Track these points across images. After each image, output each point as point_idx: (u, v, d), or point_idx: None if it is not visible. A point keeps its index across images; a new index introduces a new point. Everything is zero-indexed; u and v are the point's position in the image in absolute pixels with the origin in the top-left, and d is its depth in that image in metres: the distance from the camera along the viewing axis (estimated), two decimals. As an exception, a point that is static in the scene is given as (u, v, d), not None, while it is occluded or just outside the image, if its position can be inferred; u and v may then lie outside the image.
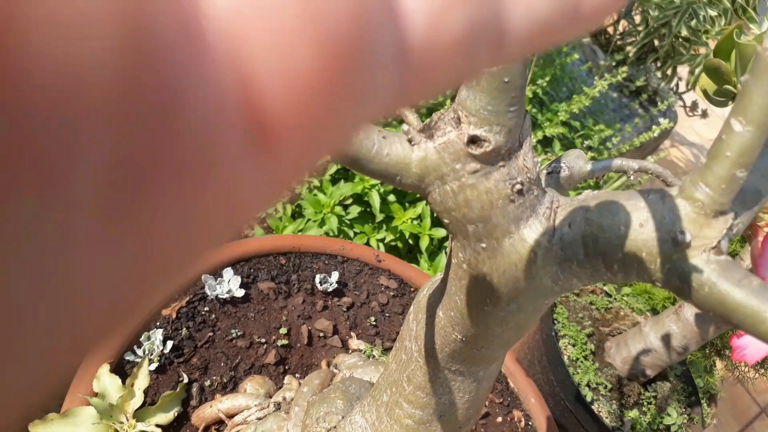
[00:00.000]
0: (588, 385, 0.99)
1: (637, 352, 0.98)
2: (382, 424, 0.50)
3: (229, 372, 0.73)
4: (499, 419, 0.81)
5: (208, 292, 0.77)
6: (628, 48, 1.88)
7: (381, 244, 1.11)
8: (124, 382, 0.65)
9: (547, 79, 1.42)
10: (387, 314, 0.89)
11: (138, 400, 0.64)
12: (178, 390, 0.67)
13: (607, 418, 0.96)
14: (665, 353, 0.95)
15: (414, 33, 0.09)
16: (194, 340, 0.73)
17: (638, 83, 1.83)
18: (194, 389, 0.70)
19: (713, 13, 1.63)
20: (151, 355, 0.69)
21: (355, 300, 0.88)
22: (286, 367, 0.78)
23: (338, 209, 1.08)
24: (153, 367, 0.68)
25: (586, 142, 1.58)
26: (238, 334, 0.76)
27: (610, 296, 1.17)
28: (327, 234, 1.07)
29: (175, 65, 0.06)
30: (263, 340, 0.77)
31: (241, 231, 0.09)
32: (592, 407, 0.96)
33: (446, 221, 0.34)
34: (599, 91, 1.37)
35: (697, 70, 1.67)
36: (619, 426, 0.96)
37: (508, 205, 0.32)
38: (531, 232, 0.32)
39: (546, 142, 1.49)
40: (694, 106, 1.89)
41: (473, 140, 0.31)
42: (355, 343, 0.83)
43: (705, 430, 1.04)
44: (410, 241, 1.14)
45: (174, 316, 0.74)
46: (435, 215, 0.87)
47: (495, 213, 0.32)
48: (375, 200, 1.09)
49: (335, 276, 0.87)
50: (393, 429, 0.49)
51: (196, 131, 0.07)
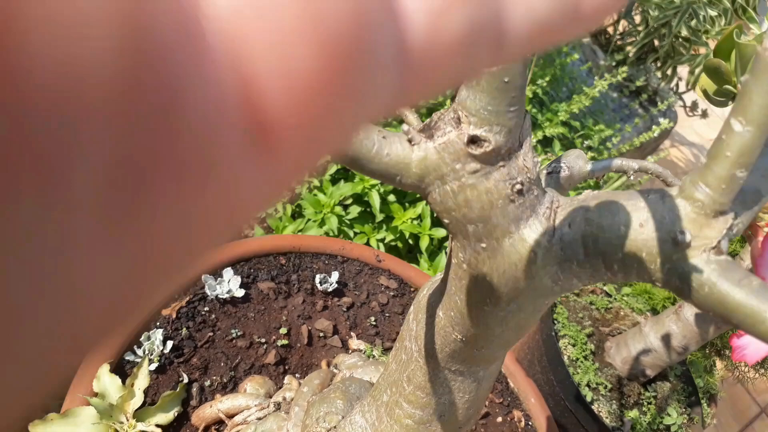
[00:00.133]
0: (588, 385, 0.99)
1: (637, 352, 0.98)
2: (382, 424, 0.50)
3: (229, 372, 0.73)
4: (499, 419, 0.81)
5: (208, 292, 0.77)
6: (628, 48, 1.88)
7: (381, 244, 1.11)
8: (124, 382, 0.65)
9: (547, 79, 1.42)
10: (387, 314, 0.89)
11: (138, 400, 0.64)
12: (178, 390, 0.67)
13: (607, 418, 0.96)
14: (665, 353, 0.95)
15: (414, 33, 0.09)
16: (194, 340, 0.73)
17: (638, 83, 1.83)
18: (194, 389, 0.70)
19: (713, 13, 1.63)
20: (151, 355, 0.69)
21: (355, 300, 0.88)
22: (286, 367, 0.78)
23: (338, 209, 1.08)
24: (153, 367, 0.68)
25: (586, 142, 1.58)
26: (238, 334, 0.76)
27: (610, 296, 1.17)
28: (327, 234, 1.07)
29: (175, 65, 0.06)
30: (263, 340, 0.77)
31: (241, 231, 0.09)
32: (592, 407, 0.96)
33: (446, 221, 0.34)
34: (599, 91, 1.37)
35: (697, 70, 1.67)
36: (619, 426, 0.96)
37: (508, 205, 0.32)
38: (531, 232, 0.32)
39: (546, 142, 1.49)
40: (694, 106, 1.89)
41: (473, 140, 0.31)
42: (355, 343, 0.83)
43: (705, 430, 1.04)
44: (410, 241, 1.14)
45: (174, 316, 0.74)
46: (435, 215, 0.87)
47: (495, 213, 0.32)
48: (375, 200, 1.09)
49: (335, 276, 0.87)
50: (393, 429, 0.49)
51: (196, 131, 0.07)
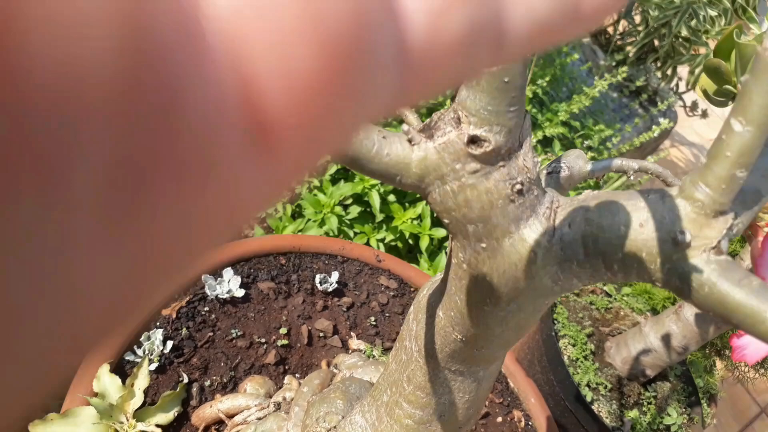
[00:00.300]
0: (588, 385, 0.99)
1: (637, 352, 0.98)
2: (382, 424, 0.50)
3: (229, 372, 0.73)
4: (499, 419, 0.81)
5: (208, 292, 0.77)
6: (628, 48, 1.88)
7: (381, 244, 1.11)
8: (124, 382, 0.65)
9: (547, 79, 1.42)
10: (387, 314, 0.89)
11: (138, 400, 0.64)
12: (178, 390, 0.67)
13: (607, 418, 0.96)
14: (665, 353, 0.95)
15: (414, 33, 0.09)
16: (194, 340, 0.73)
17: (638, 83, 1.83)
18: (194, 389, 0.70)
19: (713, 13, 1.63)
20: (151, 355, 0.69)
21: (355, 300, 0.88)
22: (286, 367, 0.78)
23: (338, 209, 1.08)
24: (153, 367, 0.68)
25: (586, 142, 1.58)
26: (238, 334, 0.76)
27: (610, 296, 1.17)
28: (327, 234, 1.07)
29: (175, 65, 0.06)
30: (263, 340, 0.77)
31: (241, 231, 0.09)
32: (592, 407, 0.96)
33: (446, 221, 0.34)
34: (599, 91, 1.37)
35: (697, 70, 1.67)
36: (619, 426, 0.96)
37: (508, 205, 0.32)
38: (531, 232, 0.32)
39: (546, 142, 1.49)
40: (694, 106, 1.89)
41: (473, 140, 0.31)
42: (355, 343, 0.83)
43: (705, 430, 1.04)
44: (410, 241, 1.14)
45: (174, 316, 0.74)
46: (435, 215, 0.87)
47: (495, 213, 0.32)
48: (375, 200, 1.09)
49: (335, 276, 0.87)
50: (393, 429, 0.49)
51: (196, 131, 0.07)
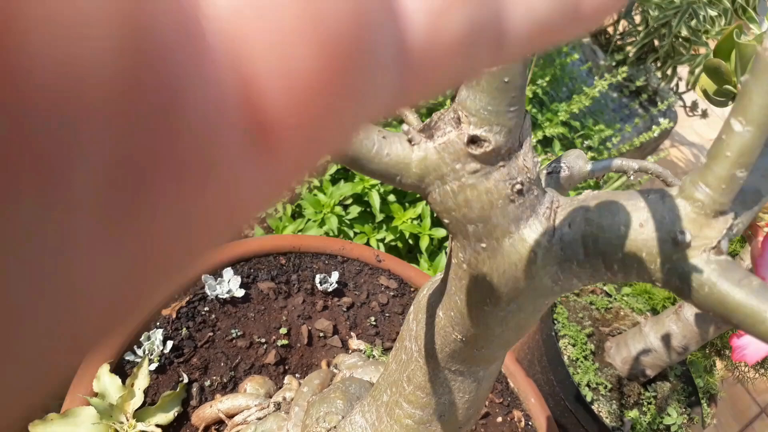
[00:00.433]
0: (588, 385, 0.99)
1: (637, 352, 0.98)
2: (382, 424, 0.50)
3: (229, 372, 0.73)
4: (499, 419, 0.81)
5: (208, 292, 0.77)
6: (628, 48, 1.88)
7: (381, 244, 1.11)
8: (124, 382, 0.65)
9: (547, 79, 1.42)
10: (387, 314, 0.89)
11: (138, 400, 0.64)
12: (178, 390, 0.67)
13: (607, 418, 0.96)
14: (665, 353, 0.95)
15: (414, 33, 0.09)
16: (194, 340, 0.73)
17: (638, 83, 1.83)
18: (194, 389, 0.70)
19: (713, 13, 1.63)
20: (151, 355, 0.69)
21: (355, 300, 0.88)
22: (286, 367, 0.78)
23: (338, 209, 1.08)
24: (153, 367, 0.68)
25: (586, 142, 1.58)
26: (238, 334, 0.76)
27: (610, 296, 1.17)
28: (327, 234, 1.07)
29: (175, 65, 0.06)
30: (263, 340, 0.77)
31: (241, 231, 0.09)
32: (592, 407, 0.96)
33: (446, 221, 0.34)
34: (599, 91, 1.37)
35: (697, 70, 1.67)
36: (619, 426, 0.96)
37: (508, 205, 0.32)
38: (531, 232, 0.32)
39: (546, 142, 1.49)
40: (694, 106, 1.89)
41: (473, 140, 0.31)
42: (355, 343, 0.83)
43: (705, 430, 1.04)
44: (410, 241, 1.14)
45: (174, 316, 0.74)
46: (435, 215, 0.87)
47: (495, 213, 0.32)
48: (375, 200, 1.09)
49: (335, 276, 0.87)
50: (393, 429, 0.49)
51: (196, 131, 0.07)
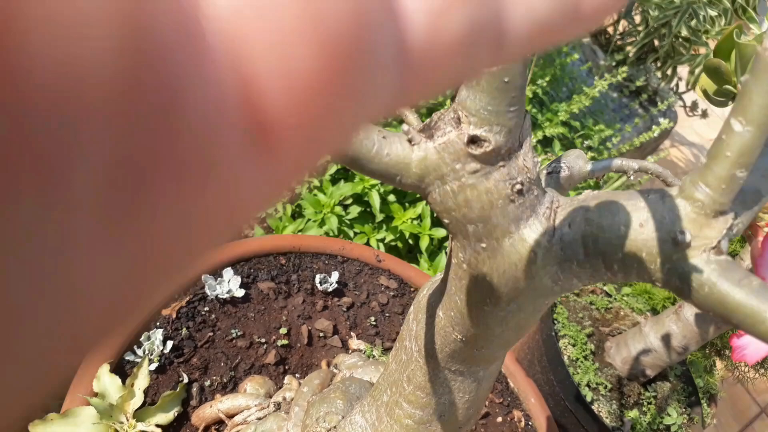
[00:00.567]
0: (588, 385, 0.99)
1: (637, 352, 0.98)
2: (382, 424, 0.50)
3: (229, 372, 0.73)
4: (499, 419, 0.81)
5: (208, 292, 0.77)
6: (628, 48, 1.88)
7: (381, 244, 1.11)
8: (124, 382, 0.65)
9: (547, 79, 1.42)
10: (387, 314, 0.89)
11: (138, 400, 0.64)
12: (178, 390, 0.67)
13: (607, 418, 0.96)
14: (665, 353, 0.95)
15: (414, 33, 0.09)
16: (194, 340, 0.73)
17: (638, 83, 1.83)
18: (194, 389, 0.70)
19: (713, 13, 1.63)
20: (151, 355, 0.69)
21: (355, 300, 0.88)
22: (286, 367, 0.78)
23: (338, 209, 1.08)
24: (153, 367, 0.68)
25: (586, 142, 1.58)
26: (238, 334, 0.76)
27: (610, 296, 1.17)
28: (327, 234, 1.07)
29: (175, 65, 0.06)
30: (263, 340, 0.77)
31: (241, 231, 0.09)
32: (592, 407, 0.96)
33: (446, 221, 0.34)
34: (599, 91, 1.37)
35: (697, 70, 1.67)
36: (619, 426, 0.96)
37: (508, 205, 0.32)
38: (531, 232, 0.32)
39: (546, 142, 1.49)
40: (694, 106, 1.89)
41: (473, 140, 0.31)
42: (355, 343, 0.83)
43: (705, 430, 1.04)
44: (410, 241, 1.14)
45: (174, 316, 0.74)
46: (435, 215, 0.87)
47: (495, 213, 0.32)
48: (375, 200, 1.09)
49: (335, 276, 0.87)
50: (393, 429, 0.49)
51: (196, 131, 0.07)
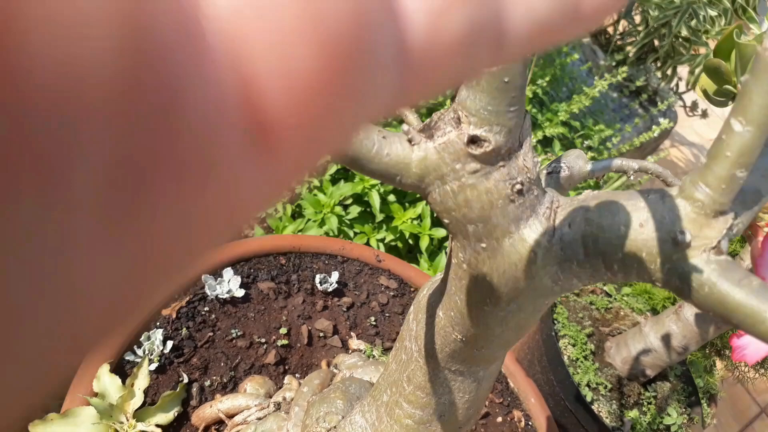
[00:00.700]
0: (588, 385, 0.99)
1: (637, 352, 0.98)
2: (382, 424, 0.50)
3: (229, 372, 0.73)
4: (499, 419, 0.81)
5: (208, 292, 0.77)
6: (628, 48, 1.88)
7: (381, 244, 1.11)
8: (124, 382, 0.65)
9: (547, 79, 1.42)
10: (387, 314, 0.89)
11: (138, 400, 0.64)
12: (178, 390, 0.67)
13: (607, 418, 0.96)
14: (665, 353, 0.95)
15: (414, 33, 0.09)
16: (194, 340, 0.73)
17: (638, 83, 1.83)
18: (194, 389, 0.70)
19: (713, 13, 1.63)
20: (151, 355, 0.69)
21: (355, 300, 0.88)
22: (286, 367, 0.78)
23: (338, 209, 1.08)
24: (153, 367, 0.68)
25: (586, 142, 1.58)
26: (238, 334, 0.76)
27: (610, 296, 1.17)
28: (327, 234, 1.07)
29: (175, 65, 0.06)
30: (263, 340, 0.77)
31: (241, 231, 0.09)
32: (592, 407, 0.96)
33: (446, 221, 0.34)
34: (599, 91, 1.37)
35: (697, 70, 1.67)
36: (619, 426, 0.96)
37: (508, 205, 0.32)
38: (531, 232, 0.32)
39: (546, 142, 1.49)
40: (694, 106, 1.89)
41: (473, 140, 0.31)
42: (355, 343, 0.83)
43: (705, 430, 1.04)
44: (410, 241, 1.14)
45: (174, 316, 0.74)
46: (435, 215, 0.87)
47: (495, 213, 0.32)
48: (375, 200, 1.09)
49: (335, 276, 0.87)
50: (393, 429, 0.49)
51: (196, 131, 0.07)
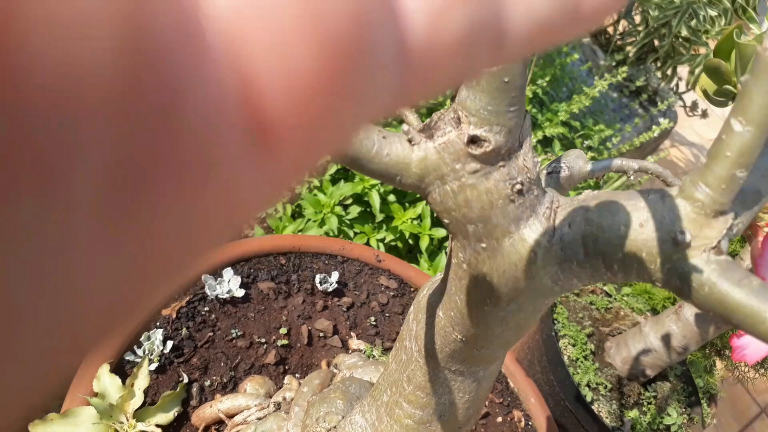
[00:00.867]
0: (588, 385, 0.99)
1: (637, 352, 0.98)
2: (382, 424, 0.50)
3: (229, 372, 0.73)
4: (499, 419, 0.81)
5: (208, 292, 0.77)
6: (628, 48, 1.88)
7: (381, 244, 1.11)
8: (124, 382, 0.65)
9: (547, 79, 1.42)
10: (387, 314, 0.89)
11: (138, 400, 0.64)
12: (178, 390, 0.67)
13: (607, 418, 0.96)
14: (665, 353, 0.95)
15: (414, 33, 0.09)
16: (194, 340, 0.73)
17: (638, 83, 1.83)
18: (194, 389, 0.70)
19: (713, 13, 1.63)
20: (151, 355, 0.69)
21: (355, 300, 0.88)
22: (286, 367, 0.78)
23: (338, 209, 1.08)
24: (153, 367, 0.68)
25: (586, 142, 1.58)
26: (238, 334, 0.76)
27: (610, 296, 1.17)
28: (327, 234, 1.07)
29: (175, 65, 0.06)
30: (263, 340, 0.77)
31: (241, 231, 0.09)
32: (592, 407, 0.96)
33: (446, 221, 0.34)
34: (599, 91, 1.37)
35: (697, 70, 1.67)
36: (619, 426, 0.96)
37: (508, 205, 0.32)
38: (531, 232, 0.32)
39: (546, 142, 1.49)
40: (694, 106, 1.89)
41: (473, 140, 0.31)
42: (355, 343, 0.83)
43: (705, 430, 1.04)
44: (410, 241, 1.14)
45: (174, 316, 0.74)
46: (435, 215, 0.87)
47: (495, 213, 0.32)
48: (375, 200, 1.09)
49: (335, 276, 0.87)
50: (393, 429, 0.49)
51: (196, 131, 0.07)
